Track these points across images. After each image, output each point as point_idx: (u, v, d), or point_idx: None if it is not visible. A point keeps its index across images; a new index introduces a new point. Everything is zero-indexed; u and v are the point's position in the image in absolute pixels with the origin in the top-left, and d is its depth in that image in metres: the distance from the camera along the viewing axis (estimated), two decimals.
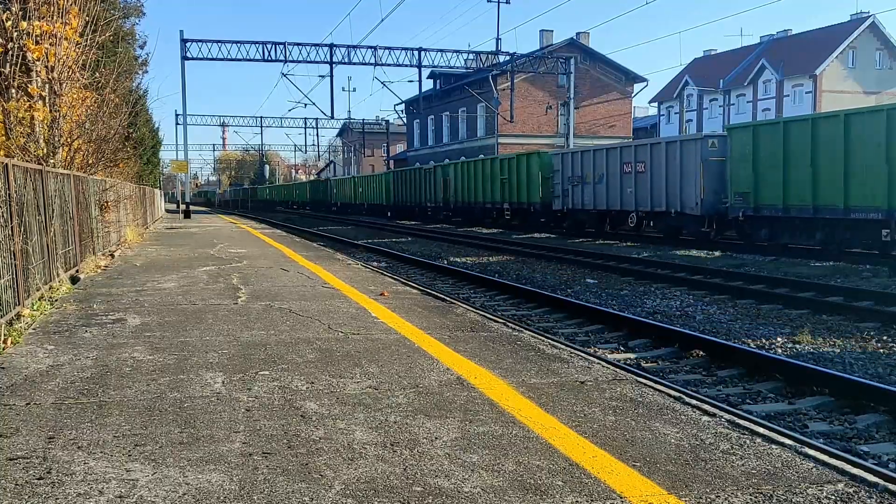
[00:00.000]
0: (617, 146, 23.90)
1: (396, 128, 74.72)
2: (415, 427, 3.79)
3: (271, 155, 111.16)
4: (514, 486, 3.05)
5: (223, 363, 5.16)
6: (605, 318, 9.08)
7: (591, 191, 24.21)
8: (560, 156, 26.59)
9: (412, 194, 41.01)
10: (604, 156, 23.75)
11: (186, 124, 36.49)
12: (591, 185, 24.27)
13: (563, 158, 26.16)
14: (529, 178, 28.09)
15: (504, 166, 30.18)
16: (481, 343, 5.87)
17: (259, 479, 3.11)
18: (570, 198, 25.57)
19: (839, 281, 12.38)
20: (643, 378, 4.99)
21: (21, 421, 3.89)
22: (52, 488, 3.01)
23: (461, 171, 34.36)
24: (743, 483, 3.09)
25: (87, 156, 13.19)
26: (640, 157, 21.99)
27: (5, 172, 6.36)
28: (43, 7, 10.16)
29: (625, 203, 22.62)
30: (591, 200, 24.32)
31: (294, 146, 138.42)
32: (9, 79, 9.86)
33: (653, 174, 21.29)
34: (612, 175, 23.11)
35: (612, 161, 23.25)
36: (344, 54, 35.57)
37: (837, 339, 8.15)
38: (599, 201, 23.94)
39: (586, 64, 48.46)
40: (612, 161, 23.25)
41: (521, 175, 28.71)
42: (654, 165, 21.25)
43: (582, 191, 24.83)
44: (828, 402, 5.75)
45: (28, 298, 7.03)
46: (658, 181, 21.05)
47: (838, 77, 55.72)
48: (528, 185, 28.15)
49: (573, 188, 25.29)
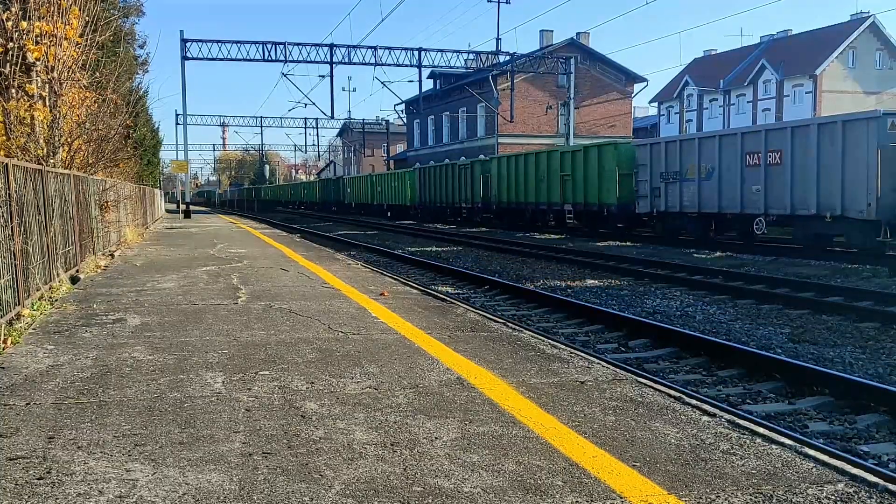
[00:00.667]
0: (736, 131, 19.15)
1: (396, 128, 74.71)
2: (415, 427, 3.79)
3: (271, 155, 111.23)
4: (514, 486, 3.05)
5: (223, 363, 5.16)
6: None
7: (695, 189, 19.67)
8: (648, 147, 21.94)
9: (443, 193, 36.80)
10: (715, 145, 19.07)
11: (186, 124, 36.51)
12: (693, 181, 19.72)
13: (653, 150, 21.48)
14: (602, 174, 23.56)
15: (566, 161, 25.63)
16: (481, 343, 5.87)
17: (259, 479, 3.11)
18: (661, 198, 20.99)
19: (839, 281, 12.38)
20: (643, 378, 4.99)
21: (21, 421, 3.89)
22: (52, 488, 3.01)
23: (507, 168, 30.00)
24: (743, 483, 3.09)
25: (87, 156, 13.20)
26: (775, 144, 17.29)
27: (5, 172, 6.36)
28: (43, 7, 10.15)
29: (748, 204, 17.99)
30: (694, 201, 19.73)
31: (294, 146, 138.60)
32: (9, 79, 9.86)
33: (794, 166, 16.71)
34: (728, 169, 18.51)
35: (727, 151, 18.62)
36: (344, 54, 35.60)
37: (837, 339, 8.15)
38: (707, 202, 19.30)
39: (586, 64, 48.46)
40: (727, 151, 18.62)
41: (590, 171, 24.16)
42: (795, 155, 16.69)
43: (680, 189, 20.27)
44: (828, 402, 5.75)
45: (28, 298, 7.03)
46: (803, 176, 16.49)
47: (838, 77, 55.72)
48: (600, 183, 23.61)
49: (666, 186, 20.77)
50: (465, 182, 34.36)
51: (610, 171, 23.22)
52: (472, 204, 33.79)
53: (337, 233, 29.06)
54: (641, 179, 21.91)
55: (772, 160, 17.36)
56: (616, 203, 22.98)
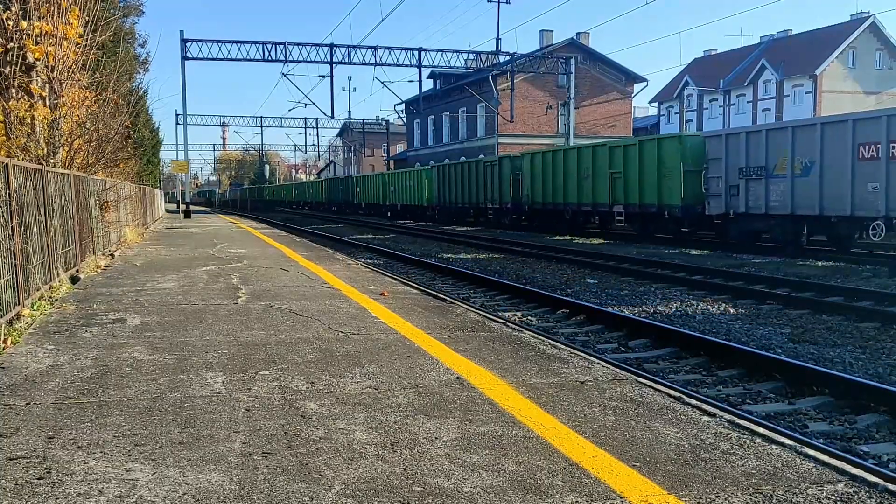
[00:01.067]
0: (846, 118, 16.02)
1: (396, 128, 74.73)
2: (415, 427, 3.79)
3: (271, 155, 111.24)
4: (514, 486, 3.05)
5: (223, 363, 5.16)
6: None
7: (786, 187, 16.77)
8: (723, 138, 18.79)
9: (466, 193, 33.96)
10: (816, 134, 16.12)
11: (186, 124, 36.50)
12: (784, 178, 16.81)
13: (729, 142, 18.44)
14: (662, 170, 20.70)
15: (615, 156, 22.79)
16: (481, 343, 5.87)
17: (259, 478, 3.11)
18: (739, 197, 18.02)
19: (839, 281, 12.38)
20: (643, 378, 4.99)
21: (21, 421, 3.89)
22: (52, 488, 3.01)
23: (543, 164, 27.11)
24: (743, 483, 3.09)
25: (87, 156, 13.20)
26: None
27: (5, 172, 6.36)
28: (43, 7, 10.16)
29: (859, 205, 15.12)
30: (785, 201, 16.82)
31: (294, 146, 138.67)
32: (9, 79, 9.87)
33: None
34: (833, 163, 15.61)
35: (832, 141, 15.71)
36: (344, 54, 35.60)
37: (837, 339, 8.15)
38: (803, 202, 16.41)
39: (586, 64, 48.47)
40: (832, 141, 15.71)
41: (647, 167, 21.28)
42: None
43: (766, 187, 17.30)
44: (828, 402, 5.75)
45: (28, 298, 7.03)
46: None
47: (838, 77, 55.75)
48: (660, 182, 20.79)
49: (747, 183, 17.83)
50: (491, 181, 31.52)
51: (672, 168, 20.23)
52: (499, 204, 30.90)
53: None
54: (713, 176, 18.80)
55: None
56: (680, 204, 19.96)
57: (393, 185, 44.28)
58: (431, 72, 53.78)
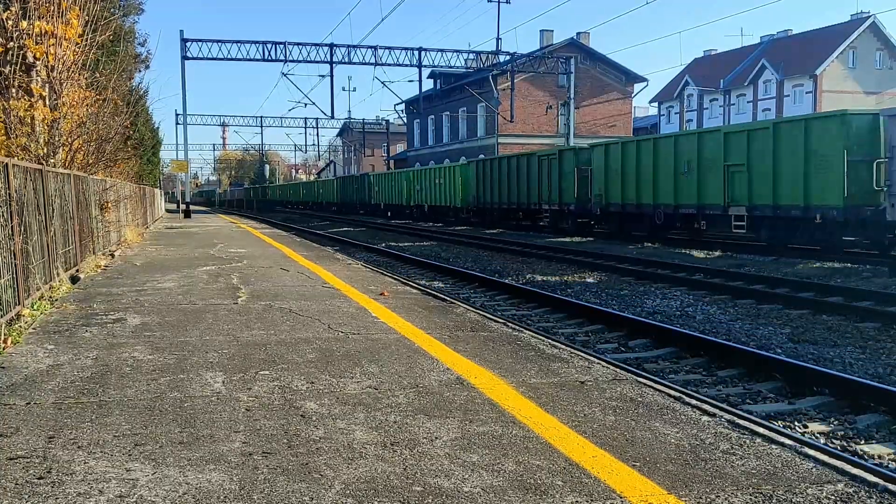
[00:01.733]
0: None
1: (396, 128, 74.74)
2: (415, 427, 3.79)
3: (271, 154, 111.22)
4: (514, 485, 3.05)
5: (223, 363, 5.16)
6: None
7: None
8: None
9: (513, 193, 29.34)
10: None
11: (186, 124, 36.54)
12: None
13: None
14: (811, 161, 15.82)
15: (735, 145, 17.95)
16: (481, 343, 5.87)
17: (259, 478, 3.11)
18: None
19: (839, 281, 12.37)
20: (643, 378, 4.98)
21: (21, 420, 3.89)
22: (52, 488, 3.01)
23: (620, 158, 22.31)
24: (743, 483, 3.09)
25: (87, 155, 13.19)
26: None
27: (5, 172, 6.36)
28: (43, 7, 10.15)
29: None
30: None
31: (294, 146, 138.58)
32: (9, 78, 9.86)
33: None
34: None
35: None
36: (344, 54, 35.61)
37: (837, 339, 8.15)
38: None
39: (586, 64, 48.46)
40: None
41: (785, 157, 16.46)
42: None
43: None
44: (828, 402, 5.74)
45: (28, 298, 7.03)
46: None
47: (838, 77, 55.76)
48: (807, 176, 15.89)
49: None
50: (548, 178, 26.58)
51: (829, 157, 15.36)
52: (559, 206, 25.98)
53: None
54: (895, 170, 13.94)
55: None
56: (841, 205, 15.05)
57: (419, 183, 39.26)
58: (431, 72, 53.79)
